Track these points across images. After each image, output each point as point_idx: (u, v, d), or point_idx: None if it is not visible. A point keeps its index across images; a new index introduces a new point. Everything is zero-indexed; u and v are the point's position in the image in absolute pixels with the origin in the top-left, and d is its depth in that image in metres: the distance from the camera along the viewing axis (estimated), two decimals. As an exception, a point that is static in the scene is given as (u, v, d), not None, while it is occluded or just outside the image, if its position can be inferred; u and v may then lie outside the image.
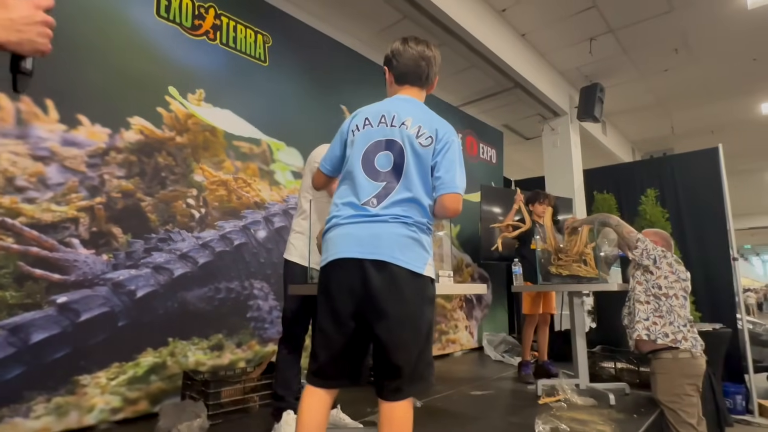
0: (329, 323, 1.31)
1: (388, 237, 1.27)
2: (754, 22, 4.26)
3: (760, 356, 4.93)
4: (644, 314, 2.45)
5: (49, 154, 2.12)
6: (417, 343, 1.28)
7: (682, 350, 2.34)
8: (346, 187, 1.37)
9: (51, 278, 2.06)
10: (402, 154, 1.33)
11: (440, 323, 4.40)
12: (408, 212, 1.30)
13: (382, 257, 1.25)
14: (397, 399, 1.25)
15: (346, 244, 1.29)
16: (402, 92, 1.48)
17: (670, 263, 2.48)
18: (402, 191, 1.31)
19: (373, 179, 1.33)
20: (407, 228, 1.29)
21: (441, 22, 3.66)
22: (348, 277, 1.27)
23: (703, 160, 4.78)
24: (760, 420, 4.10)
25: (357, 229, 1.29)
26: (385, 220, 1.28)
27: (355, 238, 1.28)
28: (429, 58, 1.46)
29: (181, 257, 2.52)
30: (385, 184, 1.32)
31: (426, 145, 1.34)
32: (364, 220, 1.30)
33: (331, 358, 1.32)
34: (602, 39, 4.58)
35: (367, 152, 1.36)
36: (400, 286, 1.25)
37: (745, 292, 22.08)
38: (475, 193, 4.84)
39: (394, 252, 1.25)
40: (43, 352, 2.00)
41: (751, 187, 10.68)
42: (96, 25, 2.33)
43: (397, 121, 1.36)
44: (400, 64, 1.46)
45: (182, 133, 2.63)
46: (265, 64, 3.12)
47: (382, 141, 1.36)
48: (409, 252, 1.27)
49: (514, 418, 2.28)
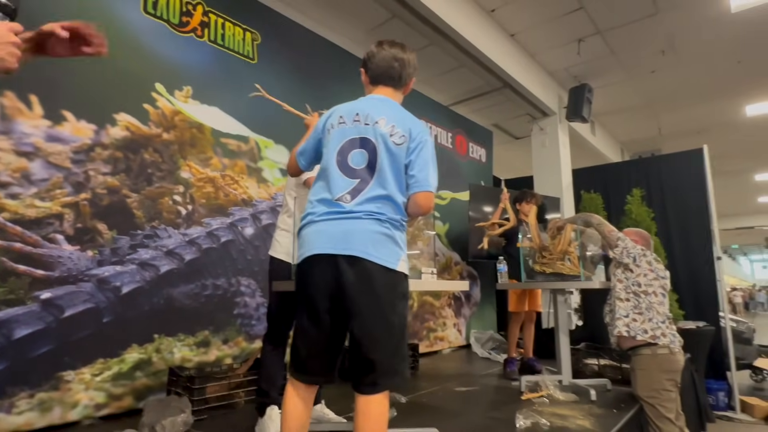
0: (307, 319, 1.34)
1: (361, 233, 1.29)
2: (739, 25, 4.33)
3: (743, 354, 5.02)
4: (624, 311, 2.51)
5: (33, 150, 2.12)
6: (391, 337, 1.30)
7: (661, 346, 2.39)
8: (321, 184, 1.40)
9: (34, 274, 2.06)
10: (375, 152, 1.36)
11: (428, 321, 4.43)
12: (381, 209, 1.33)
13: (355, 253, 1.27)
14: (372, 392, 1.27)
15: (320, 240, 1.32)
16: (377, 92, 1.52)
17: (650, 261, 2.53)
18: (376, 188, 1.34)
19: (348, 176, 1.35)
20: (380, 224, 1.32)
21: (430, 21, 3.68)
22: (322, 273, 1.30)
23: (688, 161, 4.86)
24: (741, 416, 4.19)
25: (330, 226, 1.32)
26: (359, 217, 1.31)
27: (328, 235, 1.31)
28: (402, 60, 1.50)
29: (167, 254, 2.52)
30: (358, 181, 1.35)
31: (399, 143, 1.38)
32: (337, 217, 1.32)
33: (312, 354, 1.34)
34: (590, 40, 4.63)
35: (341, 150, 1.39)
36: (372, 281, 1.27)
37: (732, 291, 22.44)
38: (464, 192, 4.88)
39: (367, 248, 1.28)
40: (27, 347, 2.00)
41: (738, 188, 10.84)
42: (82, 19, 2.32)
43: (370, 120, 1.39)
44: (374, 65, 1.51)
45: (169, 129, 2.63)
46: (253, 61, 3.12)
47: (357, 139, 1.39)
48: (381, 248, 1.30)
49: (496, 414, 2.32)
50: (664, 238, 4.70)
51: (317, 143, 1.49)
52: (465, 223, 4.66)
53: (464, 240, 4.66)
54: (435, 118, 4.88)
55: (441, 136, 4.94)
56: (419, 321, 4.32)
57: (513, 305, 3.33)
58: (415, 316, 4.27)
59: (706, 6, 4.09)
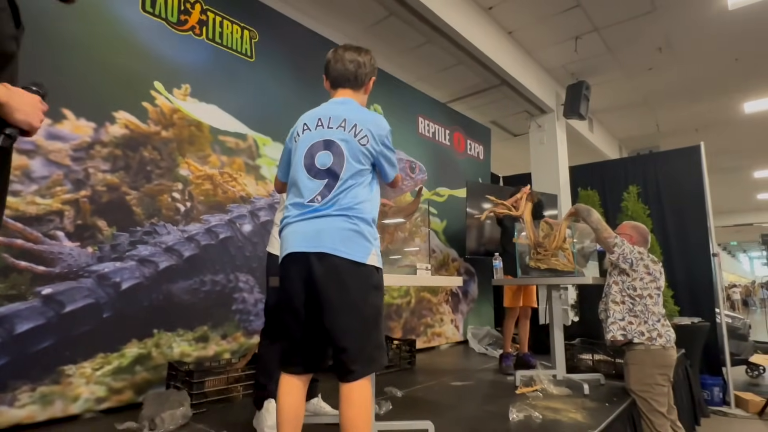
0: (287, 313, 1.44)
1: (330, 231, 1.38)
2: (736, 23, 4.34)
3: (738, 349, 5.06)
4: (619, 314, 2.52)
5: (33, 148, 2.15)
6: (364, 328, 1.38)
7: (655, 344, 2.42)
8: (294, 189, 1.48)
9: (36, 270, 2.09)
10: (341, 153, 1.44)
11: (426, 317, 4.47)
12: (348, 204, 1.41)
13: (324, 250, 1.36)
14: (350, 380, 1.34)
15: (294, 240, 1.41)
16: (337, 95, 1.60)
17: (647, 265, 2.53)
18: (343, 188, 1.42)
19: (316, 178, 1.43)
20: (349, 221, 1.40)
21: (427, 19, 3.70)
22: (297, 270, 1.40)
23: (685, 158, 4.89)
24: (736, 411, 4.23)
25: (303, 226, 1.41)
26: (329, 215, 1.39)
27: (302, 234, 1.40)
28: (357, 62, 1.58)
29: (166, 250, 2.56)
30: (327, 181, 1.42)
31: (363, 143, 1.47)
32: (309, 217, 1.41)
33: (292, 346, 1.43)
34: (587, 37, 4.64)
35: (308, 154, 1.46)
36: (341, 275, 1.36)
37: (731, 287, 22.46)
38: (461, 189, 4.91)
39: (336, 244, 1.36)
40: (28, 342, 2.03)
41: (736, 185, 10.86)
42: (81, 19, 2.35)
43: (333, 123, 1.48)
44: (332, 70, 1.60)
45: (168, 127, 2.66)
46: (251, 59, 3.14)
47: (321, 141, 1.46)
48: (351, 243, 1.38)
49: (490, 407, 2.36)
50: (661, 235, 4.73)
51: (289, 155, 1.56)
52: (462, 220, 4.69)
53: (462, 237, 4.69)
54: (433, 115, 4.91)
55: (439, 134, 4.96)
56: (416, 317, 4.36)
57: (508, 301, 3.36)
58: (412, 312, 4.31)
59: (703, 4, 4.11)
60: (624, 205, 4.62)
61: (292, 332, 1.44)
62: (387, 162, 1.55)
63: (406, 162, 4.38)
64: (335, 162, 1.43)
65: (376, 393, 1.92)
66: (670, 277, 3.80)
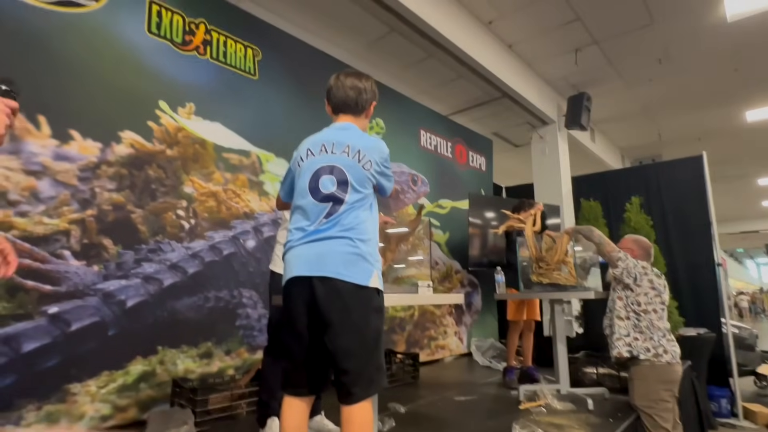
0: (289, 336, 1.47)
1: (332, 255, 1.40)
2: (734, 34, 4.37)
3: (745, 360, 5.01)
4: (624, 330, 2.50)
5: (41, 169, 2.19)
6: (365, 350, 1.40)
7: (661, 361, 2.41)
8: (298, 213, 1.51)
9: (42, 289, 2.12)
10: (345, 178, 1.48)
11: (429, 329, 4.47)
12: (355, 230, 1.44)
13: (327, 274, 1.38)
14: (351, 402, 1.36)
15: (297, 264, 1.43)
16: (339, 120, 1.63)
17: (651, 279, 2.51)
18: (347, 211, 1.45)
19: (320, 201, 1.46)
20: (351, 243, 1.42)
21: (428, 35, 3.74)
22: (300, 293, 1.42)
23: (687, 168, 4.88)
24: (744, 423, 4.18)
25: (306, 249, 1.44)
26: (331, 237, 1.42)
27: (305, 258, 1.43)
28: (358, 88, 1.62)
29: (170, 267, 2.58)
30: (331, 205, 1.45)
31: (367, 168, 1.51)
32: (311, 240, 1.44)
33: (295, 368, 1.45)
34: (587, 50, 4.68)
35: (313, 179, 1.49)
36: (344, 298, 1.38)
37: (738, 295, 22.24)
38: (463, 201, 4.93)
39: (338, 268, 1.39)
40: (35, 361, 2.06)
41: (740, 192, 10.82)
42: (88, 42, 2.41)
43: (337, 149, 1.51)
44: (333, 96, 1.64)
45: (172, 146, 2.70)
46: (255, 77, 3.20)
47: (326, 167, 1.49)
48: (352, 267, 1.40)
49: (493, 423, 2.35)
50: (664, 246, 4.72)
51: (292, 179, 1.60)
52: (465, 232, 4.69)
53: (464, 248, 4.69)
54: (434, 128, 4.94)
55: (441, 146, 5.00)
56: (420, 330, 4.36)
57: (512, 314, 3.36)
58: (416, 325, 4.31)
59: (702, 16, 4.14)
60: (626, 216, 4.62)
61: (294, 355, 1.46)
62: (385, 179, 1.60)
63: (408, 175, 4.40)
64: (339, 186, 1.46)
65: (379, 409, 1.92)
66: (674, 287, 3.78)
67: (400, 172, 4.33)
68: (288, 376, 1.47)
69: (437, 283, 4.59)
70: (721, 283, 4.64)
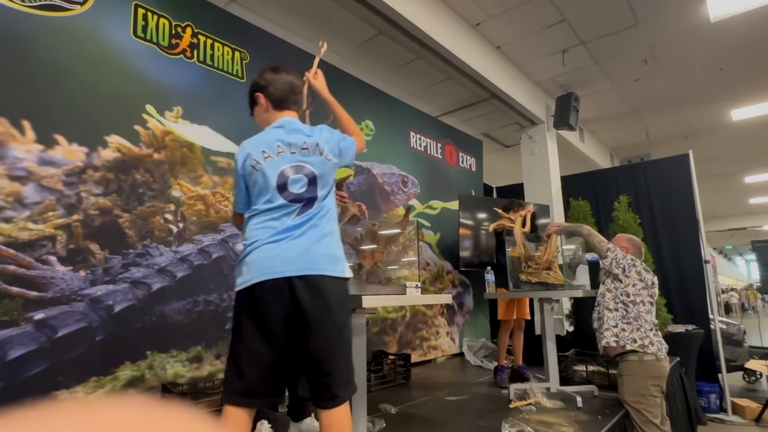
0: (259, 341, 1.37)
1: (311, 251, 1.39)
2: (718, 34, 4.44)
3: (733, 355, 5.08)
4: (613, 321, 2.55)
5: (26, 174, 2.17)
6: (343, 351, 1.39)
7: (648, 353, 2.44)
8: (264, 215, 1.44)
9: (28, 295, 2.10)
10: (312, 174, 1.48)
11: (421, 330, 4.48)
12: (327, 225, 1.46)
13: (309, 272, 1.36)
14: (334, 405, 1.34)
15: (274, 263, 1.37)
16: (283, 116, 1.58)
17: (639, 271, 2.56)
18: (318, 208, 1.46)
19: (291, 202, 1.44)
20: (329, 242, 1.45)
21: (415, 36, 3.76)
22: (278, 295, 1.35)
23: (674, 167, 4.96)
24: (733, 418, 4.24)
25: (282, 249, 1.38)
26: (307, 236, 1.41)
27: (280, 257, 1.37)
28: (293, 83, 1.63)
29: (159, 271, 2.57)
30: (302, 204, 1.44)
31: (330, 159, 1.53)
32: (287, 238, 1.39)
33: (262, 377, 1.36)
34: (574, 51, 4.73)
35: (280, 179, 1.45)
36: (326, 297, 1.37)
37: (729, 291, 22.49)
38: (454, 202, 4.95)
39: (320, 264, 1.39)
40: (21, 368, 2.04)
41: (728, 190, 10.96)
42: (73, 45, 2.40)
43: (296, 147, 1.49)
44: (276, 89, 1.58)
45: (160, 150, 2.69)
46: (242, 80, 3.19)
47: (292, 166, 1.47)
48: (333, 263, 1.43)
49: (482, 422, 2.36)
50: (653, 243, 4.78)
51: (245, 186, 1.51)
52: (456, 233, 4.72)
53: (455, 249, 4.72)
54: (424, 129, 4.96)
55: (430, 147, 5.02)
56: (412, 330, 4.36)
57: (502, 313, 3.38)
58: (407, 326, 4.32)
59: (686, 16, 4.20)
60: (615, 215, 4.67)
61: (260, 362, 1.36)
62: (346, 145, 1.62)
63: (398, 176, 4.42)
64: (309, 185, 1.46)
65: (369, 410, 1.93)
66: (663, 285, 3.83)
67: (390, 174, 4.34)
68: (250, 386, 1.34)
69: (428, 284, 4.61)
70: (709, 280, 4.71)
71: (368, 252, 2.19)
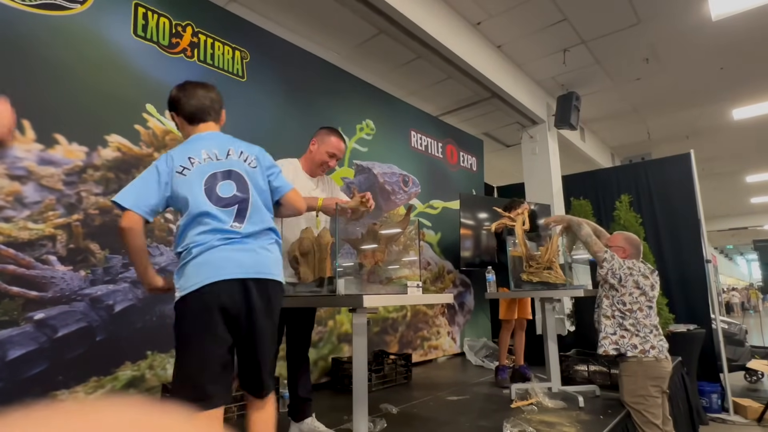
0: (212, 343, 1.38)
1: (258, 254, 1.45)
2: (719, 33, 4.42)
3: (735, 355, 5.06)
4: (611, 329, 2.52)
5: (26, 174, 2.17)
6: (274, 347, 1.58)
7: (648, 357, 2.43)
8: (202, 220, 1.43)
9: (28, 295, 2.10)
10: (241, 179, 1.51)
11: (422, 330, 4.47)
12: (264, 227, 1.51)
13: (262, 275, 1.44)
14: (268, 394, 1.52)
15: (228, 265, 1.39)
16: (203, 129, 1.62)
17: (636, 280, 2.51)
18: (255, 212, 1.50)
19: (225, 206, 1.46)
20: (268, 242, 1.50)
21: (416, 36, 3.75)
22: (231, 296, 1.38)
23: (676, 166, 4.95)
24: (735, 418, 4.22)
25: (232, 251, 1.41)
26: (253, 238, 1.46)
27: (232, 260, 1.40)
28: (212, 97, 1.65)
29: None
30: (237, 207, 1.47)
31: (254, 167, 1.57)
32: (236, 241, 1.43)
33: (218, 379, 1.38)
34: (575, 50, 4.72)
35: (208, 187, 1.46)
36: (272, 301, 1.47)
37: (730, 291, 22.45)
38: (455, 201, 4.94)
39: (270, 269, 1.47)
40: (21, 368, 2.03)
41: (729, 190, 10.94)
42: (73, 45, 2.39)
43: (222, 155, 1.53)
44: (188, 105, 1.59)
45: (160, 149, 2.68)
46: (243, 79, 3.18)
47: (219, 172, 1.49)
48: (277, 264, 1.51)
49: (484, 422, 2.36)
50: (654, 243, 4.77)
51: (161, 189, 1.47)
52: (457, 232, 4.71)
53: (456, 249, 4.71)
54: (425, 128, 4.96)
55: (431, 147, 5.01)
56: (413, 330, 4.36)
57: (503, 313, 3.37)
58: (408, 326, 4.31)
59: (687, 15, 4.18)
60: (616, 214, 4.66)
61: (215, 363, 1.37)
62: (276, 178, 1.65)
63: (399, 176, 4.41)
64: (240, 189, 1.49)
65: (371, 410, 1.92)
66: (664, 284, 3.82)
67: (391, 173, 4.33)
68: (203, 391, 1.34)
69: (429, 284, 4.60)
70: (711, 279, 4.69)
71: (369, 251, 2.18)
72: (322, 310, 3.48)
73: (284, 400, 2.52)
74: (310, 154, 2.31)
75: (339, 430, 2.19)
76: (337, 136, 2.30)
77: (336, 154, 2.28)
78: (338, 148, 2.28)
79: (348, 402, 1.83)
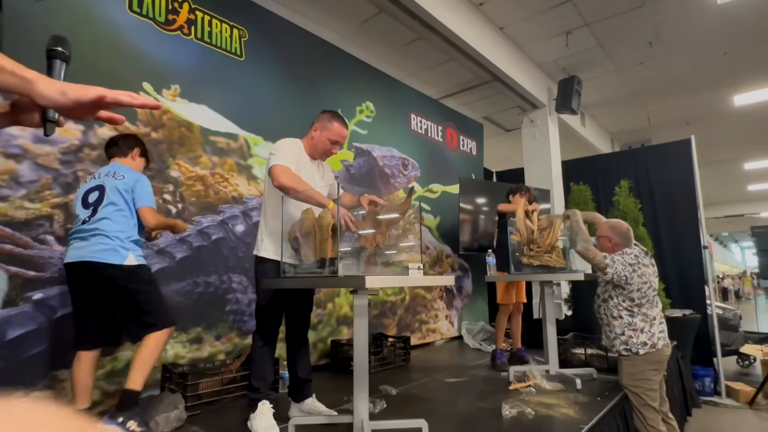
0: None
1: (95, 244, 1.92)
2: (724, 18, 4.36)
3: (729, 340, 5.12)
4: (619, 329, 2.48)
5: (21, 152, 2.13)
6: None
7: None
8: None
9: (26, 275, 2.08)
10: (103, 190, 2.00)
11: (420, 313, 4.49)
12: (110, 225, 1.95)
13: (91, 258, 1.90)
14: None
15: (74, 251, 1.94)
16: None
17: (641, 274, 2.45)
18: (102, 212, 1.96)
19: (85, 207, 1.99)
20: (106, 236, 1.93)
21: (418, 16, 3.68)
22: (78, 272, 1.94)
23: (676, 152, 4.92)
24: (727, 401, 4.29)
25: (79, 241, 1.94)
26: (93, 233, 1.94)
27: (77, 247, 1.93)
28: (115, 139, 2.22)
29: (158, 252, 2.55)
30: (92, 208, 1.97)
31: (120, 180, 2.03)
32: (82, 234, 1.94)
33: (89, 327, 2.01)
34: (578, 33, 4.65)
35: (84, 196, 2.02)
36: (99, 273, 1.92)
37: (724, 278, 22.66)
38: (454, 185, 4.92)
39: (101, 254, 1.91)
40: (20, 348, 2.03)
41: (727, 177, 10.95)
42: (66, 20, 2.33)
43: (98, 175, 2.07)
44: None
45: (157, 129, 2.64)
46: (241, 58, 3.12)
47: (92, 186, 2.03)
48: (110, 251, 1.92)
49: (483, 404, 2.38)
50: (652, 228, 4.77)
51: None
52: (456, 216, 4.70)
53: (455, 232, 4.71)
54: (425, 111, 4.90)
55: (431, 130, 4.96)
56: (411, 314, 4.38)
57: (501, 297, 3.38)
58: (407, 309, 4.33)
59: (692, -2, 4.12)
60: (616, 200, 4.65)
61: (86, 318, 1.99)
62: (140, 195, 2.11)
63: (399, 159, 4.38)
64: (99, 196, 2.00)
65: (370, 392, 1.92)
66: (661, 270, 3.82)
67: (391, 156, 4.30)
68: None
69: (428, 268, 4.60)
70: (707, 265, 4.72)
71: (369, 235, 2.16)
72: (321, 292, 3.48)
73: (284, 381, 2.53)
74: (312, 140, 2.21)
75: (339, 410, 2.20)
76: (341, 121, 2.21)
77: (339, 141, 2.21)
78: (341, 135, 2.21)
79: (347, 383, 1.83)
